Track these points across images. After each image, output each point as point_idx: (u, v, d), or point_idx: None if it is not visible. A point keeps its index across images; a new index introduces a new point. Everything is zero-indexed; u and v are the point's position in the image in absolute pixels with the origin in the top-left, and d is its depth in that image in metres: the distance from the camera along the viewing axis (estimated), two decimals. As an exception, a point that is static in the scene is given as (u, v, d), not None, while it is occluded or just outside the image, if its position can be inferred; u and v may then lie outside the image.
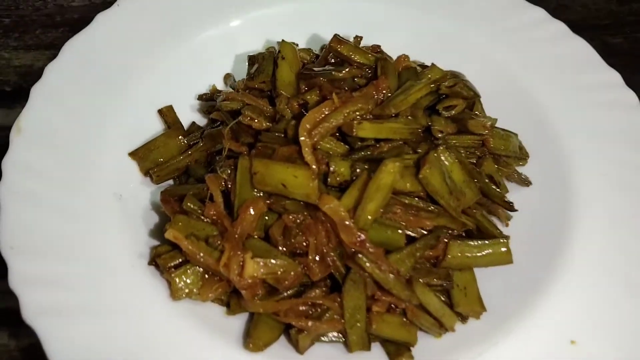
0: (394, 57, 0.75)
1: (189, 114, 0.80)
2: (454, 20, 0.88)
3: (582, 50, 0.84)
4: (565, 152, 0.76)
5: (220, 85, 0.84)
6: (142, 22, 0.81)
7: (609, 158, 0.74)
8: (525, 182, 0.76)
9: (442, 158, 0.62)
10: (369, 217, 0.57)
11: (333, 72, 0.67)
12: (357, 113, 0.61)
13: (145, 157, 0.72)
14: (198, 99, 0.81)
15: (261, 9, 0.86)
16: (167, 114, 0.77)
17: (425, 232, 0.61)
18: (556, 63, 0.83)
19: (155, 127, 0.76)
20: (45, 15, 1.01)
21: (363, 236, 0.56)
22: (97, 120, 0.72)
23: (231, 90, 0.79)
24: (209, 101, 0.80)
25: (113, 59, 0.77)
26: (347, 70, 0.67)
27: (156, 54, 0.80)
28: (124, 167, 0.71)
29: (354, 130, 0.60)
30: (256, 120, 0.64)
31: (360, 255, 0.56)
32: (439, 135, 0.65)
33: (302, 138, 0.58)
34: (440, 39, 0.85)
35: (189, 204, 0.62)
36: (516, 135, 0.75)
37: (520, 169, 0.77)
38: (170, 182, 0.73)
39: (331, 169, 0.60)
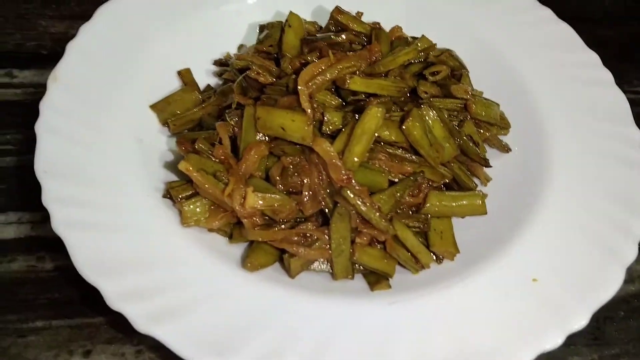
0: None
1: (204, 78, 0.88)
2: (449, 2, 0.95)
3: (565, 33, 0.91)
4: (543, 122, 0.83)
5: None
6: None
7: (582, 127, 0.81)
8: (505, 148, 0.83)
9: (425, 114, 0.70)
10: (356, 158, 0.65)
11: (332, 36, 0.75)
12: (350, 69, 0.69)
13: (163, 109, 0.80)
14: (213, 64, 0.90)
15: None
16: (185, 75, 0.86)
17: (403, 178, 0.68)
18: (540, 43, 0.90)
19: (174, 85, 0.85)
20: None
21: (350, 174, 0.64)
22: (124, 76, 0.81)
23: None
24: (222, 66, 0.89)
25: (140, 25, 0.86)
26: (345, 35, 0.75)
27: (179, 23, 0.89)
28: (146, 117, 0.80)
29: (346, 83, 0.68)
30: (262, 75, 0.73)
31: (346, 190, 0.64)
32: (424, 95, 0.73)
33: (300, 87, 0.67)
34: (435, 17, 0.92)
35: (200, 144, 0.71)
36: (498, 105, 0.82)
37: (502, 138, 0.85)
38: (185, 132, 0.81)
39: (325, 118, 0.68)
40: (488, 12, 0.94)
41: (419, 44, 0.76)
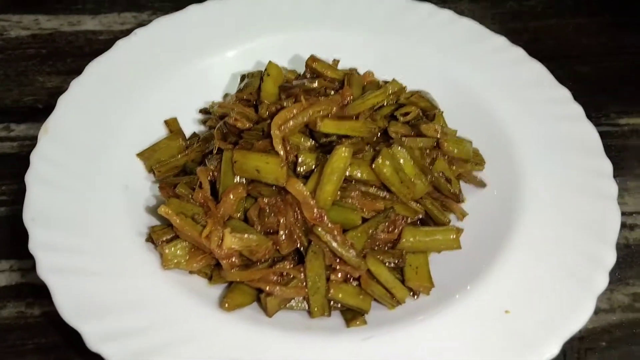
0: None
1: (191, 126, 0.92)
2: (424, 46, 0.99)
3: (536, 70, 0.95)
4: (517, 157, 0.86)
5: (219, 102, 0.97)
6: (155, 49, 0.95)
7: (555, 160, 0.83)
8: (480, 183, 0.86)
9: (395, 153, 0.73)
10: (328, 197, 0.68)
11: (306, 83, 0.79)
12: (322, 113, 0.73)
13: (150, 156, 0.84)
14: (199, 112, 0.94)
15: (254, 40, 1.00)
16: (172, 124, 0.90)
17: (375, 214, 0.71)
18: (512, 82, 0.93)
19: (161, 134, 0.89)
20: (76, 47, 1.17)
21: (322, 213, 0.67)
22: (112, 126, 0.85)
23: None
24: (207, 114, 0.94)
25: (129, 78, 0.91)
26: (318, 82, 0.79)
27: (165, 75, 0.93)
28: (132, 165, 0.83)
29: (318, 125, 0.72)
30: (239, 121, 0.77)
31: (318, 228, 0.67)
32: (394, 135, 0.76)
33: (274, 131, 0.70)
34: (409, 62, 0.96)
35: (181, 189, 0.74)
36: (470, 142, 0.85)
37: (478, 174, 0.87)
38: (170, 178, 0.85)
39: (299, 159, 0.72)
40: (462, 54, 0.98)
41: (389, 87, 0.80)
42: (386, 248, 0.73)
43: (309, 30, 1.00)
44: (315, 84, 0.79)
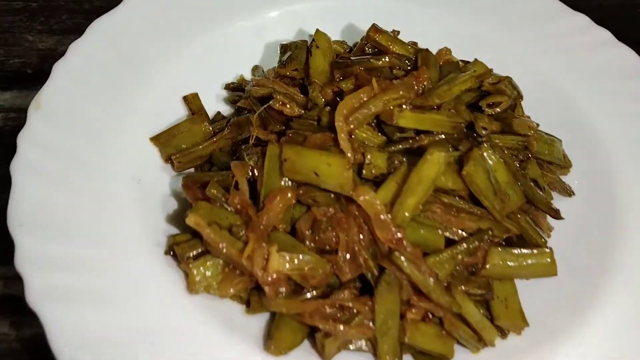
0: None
1: (214, 104, 0.77)
2: (494, 23, 0.84)
3: (626, 57, 0.80)
4: (609, 162, 0.72)
5: (248, 77, 0.80)
6: (174, 6, 0.79)
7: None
8: (567, 191, 0.71)
9: (486, 156, 0.58)
10: (407, 213, 0.53)
11: (371, 60, 0.63)
12: (397, 101, 0.56)
13: (167, 142, 0.68)
14: (225, 88, 0.78)
15: (295, 3, 0.83)
16: (192, 101, 0.74)
17: (465, 235, 0.56)
18: (599, 70, 0.79)
19: (179, 113, 0.73)
20: (72, 1, 0.99)
21: (400, 234, 0.52)
22: (119, 102, 0.69)
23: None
24: (236, 91, 0.77)
25: (140, 42, 0.74)
26: (386, 58, 0.63)
27: (185, 40, 0.77)
28: (145, 152, 0.68)
29: (394, 118, 0.55)
30: (288, 106, 0.60)
31: (397, 254, 0.51)
32: (483, 132, 0.61)
33: (339, 123, 0.54)
34: (478, 41, 0.81)
35: (212, 190, 0.58)
36: (560, 141, 0.71)
37: (562, 178, 0.72)
38: (192, 170, 0.69)
39: (367, 160, 0.56)
40: (537, 32, 0.82)
41: (473, 69, 0.64)
42: (466, 273, 0.58)
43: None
44: (382, 61, 0.63)
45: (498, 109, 0.63)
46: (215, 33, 0.78)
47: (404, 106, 0.57)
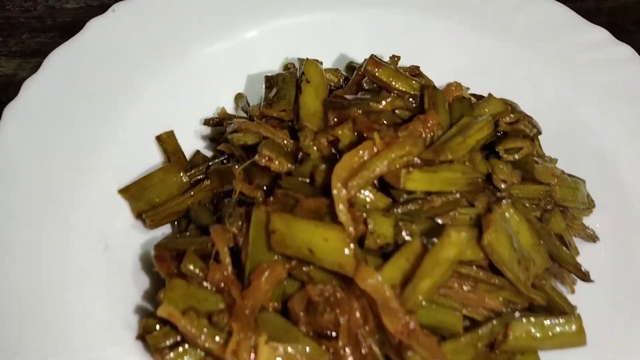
0: (434, 79, 0.63)
1: (192, 141, 0.68)
2: (502, 38, 0.76)
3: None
4: (635, 201, 0.64)
5: (230, 108, 0.71)
6: (141, 31, 0.70)
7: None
8: (591, 237, 0.63)
9: (508, 216, 0.50)
10: (421, 296, 0.45)
11: (371, 103, 0.54)
12: (404, 159, 0.48)
13: (138, 195, 0.59)
14: (204, 123, 0.69)
15: (278, 18, 0.74)
16: (167, 141, 0.65)
17: (486, 314, 0.48)
18: (621, 92, 0.70)
19: (152, 157, 0.64)
20: (34, 17, 0.89)
21: (413, 324, 0.43)
22: (81, 149, 0.60)
23: (244, 116, 0.66)
24: (216, 126, 0.68)
25: (105, 74, 0.66)
26: (388, 100, 0.54)
27: (156, 70, 0.68)
28: (112, 208, 0.59)
29: (402, 181, 0.47)
30: (276, 162, 0.51)
31: (410, 353, 0.43)
32: (502, 186, 0.52)
33: (335, 191, 0.46)
34: (486, 60, 0.72)
35: (189, 265, 0.49)
36: (584, 182, 0.63)
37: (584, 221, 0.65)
38: (168, 226, 0.60)
39: (370, 228, 0.47)
40: (552, 50, 0.74)
41: (487, 109, 0.56)
42: (484, 347, 0.51)
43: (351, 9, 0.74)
44: (383, 104, 0.54)
45: (517, 156, 0.55)
46: (188, 59, 0.68)
47: (411, 167, 0.48)
